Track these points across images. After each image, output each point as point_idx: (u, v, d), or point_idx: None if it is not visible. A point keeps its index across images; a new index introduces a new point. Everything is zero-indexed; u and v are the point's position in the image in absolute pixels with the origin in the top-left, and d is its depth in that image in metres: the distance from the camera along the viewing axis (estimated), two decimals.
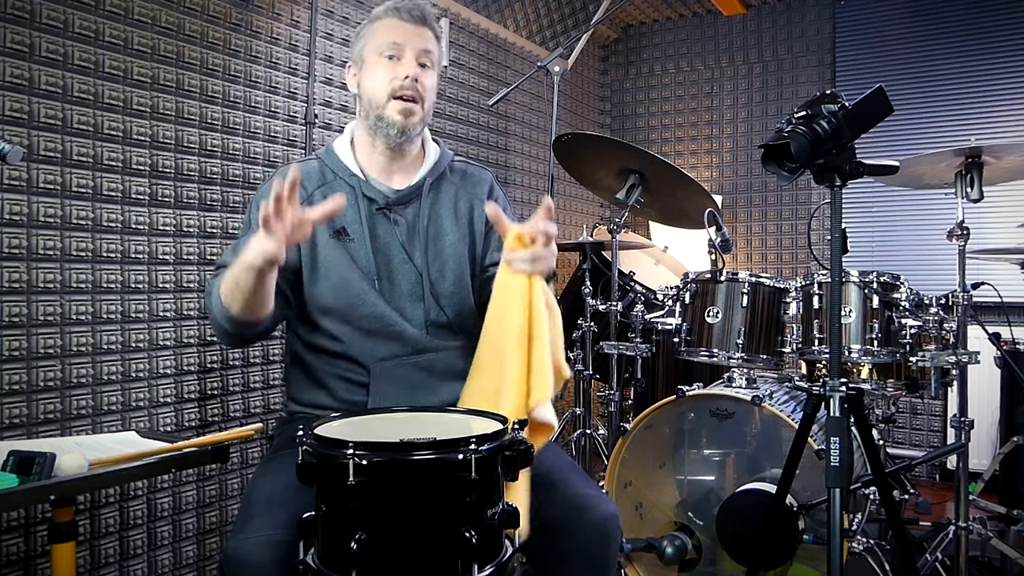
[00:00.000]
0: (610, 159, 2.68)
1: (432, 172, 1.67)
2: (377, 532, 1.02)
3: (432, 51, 1.60)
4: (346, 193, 1.57)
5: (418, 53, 1.58)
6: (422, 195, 1.64)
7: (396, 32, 1.58)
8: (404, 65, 1.56)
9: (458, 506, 1.04)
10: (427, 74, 1.59)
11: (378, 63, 1.58)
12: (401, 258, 1.60)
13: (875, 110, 1.49)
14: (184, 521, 2.21)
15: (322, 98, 2.65)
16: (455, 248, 1.64)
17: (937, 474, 3.70)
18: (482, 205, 1.67)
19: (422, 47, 1.58)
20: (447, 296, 1.62)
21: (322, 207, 1.35)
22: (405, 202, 1.63)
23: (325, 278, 1.56)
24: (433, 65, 1.62)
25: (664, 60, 4.60)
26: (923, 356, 2.18)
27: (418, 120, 1.59)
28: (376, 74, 1.58)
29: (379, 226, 1.60)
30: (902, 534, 1.78)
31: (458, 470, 1.03)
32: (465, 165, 1.75)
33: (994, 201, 3.09)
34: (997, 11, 3.72)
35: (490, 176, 1.77)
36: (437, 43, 1.64)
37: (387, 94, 1.56)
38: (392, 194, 1.62)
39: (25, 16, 1.82)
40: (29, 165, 1.84)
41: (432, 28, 1.61)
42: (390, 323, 1.56)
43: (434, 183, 1.66)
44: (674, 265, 3.60)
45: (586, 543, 1.39)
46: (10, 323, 1.81)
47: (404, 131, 1.58)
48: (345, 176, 1.62)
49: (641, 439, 2.37)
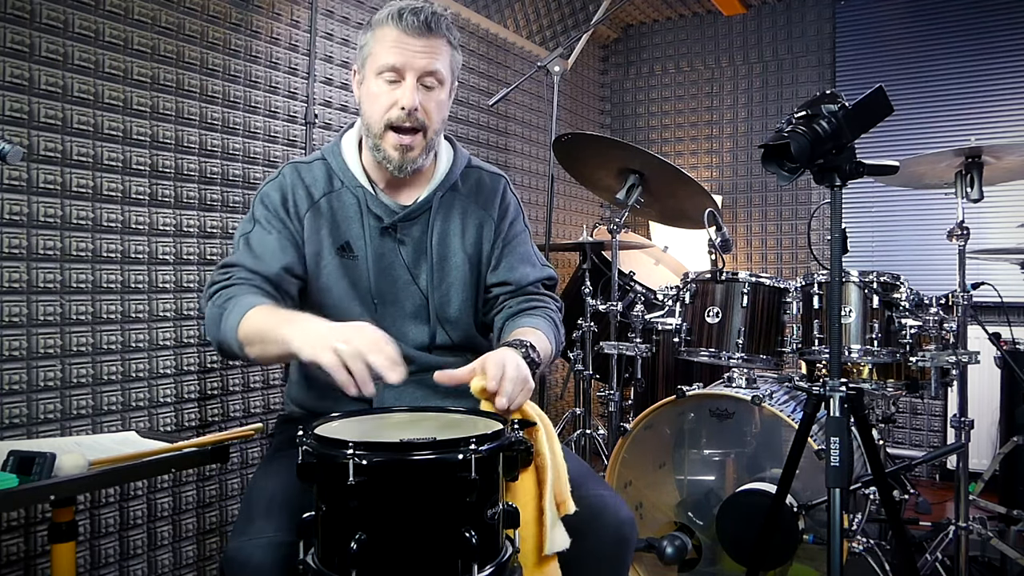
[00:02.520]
0: (610, 159, 2.68)
1: (443, 185, 1.57)
2: (377, 532, 1.02)
3: (439, 69, 1.46)
4: (351, 206, 1.52)
5: (421, 75, 1.44)
6: (431, 212, 1.55)
7: (397, 50, 1.43)
8: (404, 93, 1.43)
9: (458, 506, 1.03)
10: (432, 95, 1.46)
11: (376, 83, 1.45)
12: (405, 279, 1.54)
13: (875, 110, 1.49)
14: (184, 521, 2.21)
15: (322, 98, 2.65)
16: (461, 270, 1.58)
17: (937, 474, 3.70)
18: (492, 223, 1.61)
19: (425, 67, 1.43)
20: (452, 320, 1.57)
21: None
22: (412, 219, 1.54)
23: (326, 294, 1.51)
24: (442, 83, 1.48)
25: (664, 60, 4.60)
26: (923, 356, 2.18)
27: (418, 152, 1.48)
28: (374, 96, 1.46)
29: (384, 245, 1.53)
30: (902, 534, 1.78)
31: (458, 470, 1.03)
32: (480, 172, 1.65)
33: (994, 201, 3.09)
34: (997, 11, 3.72)
35: (504, 182, 1.68)
36: (451, 51, 1.50)
37: (383, 124, 1.45)
38: (399, 210, 1.53)
39: (25, 16, 1.82)
40: (29, 165, 1.84)
41: (441, 35, 1.46)
42: None
43: (444, 197, 1.57)
44: (674, 265, 3.60)
45: (602, 546, 1.37)
46: (10, 323, 1.81)
47: (401, 167, 1.47)
48: (351, 186, 1.53)
49: (641, 439, 2.36)
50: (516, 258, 1.63)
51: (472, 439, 1.04)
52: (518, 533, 1.15)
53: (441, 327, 1.57)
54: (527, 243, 1.67)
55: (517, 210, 1.68)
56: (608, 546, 1.38)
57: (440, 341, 1.57)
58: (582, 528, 1.32)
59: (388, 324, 1.52)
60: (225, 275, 1.44)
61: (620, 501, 1.45)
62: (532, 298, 1.62)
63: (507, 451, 1.10)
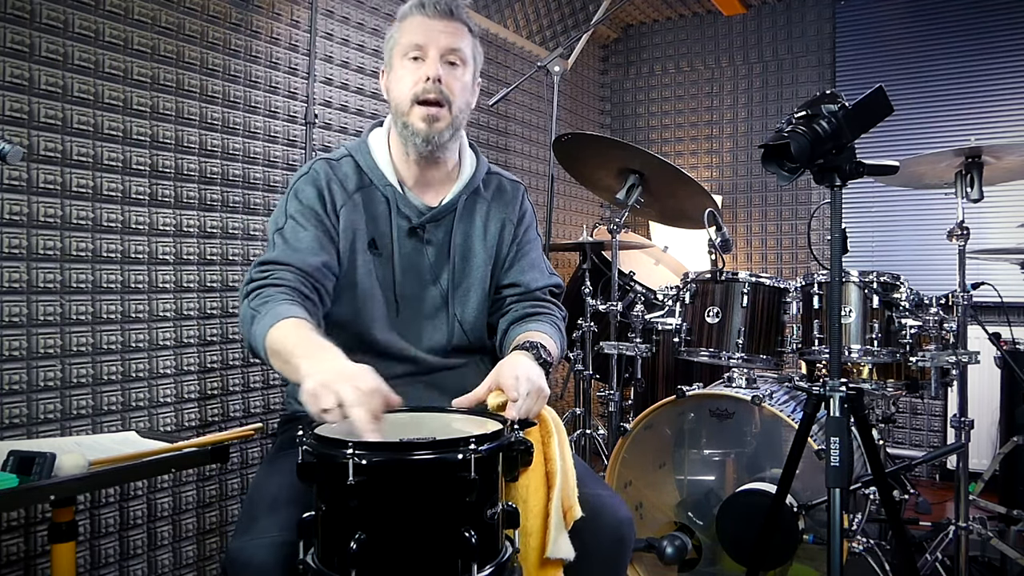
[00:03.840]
0: (610, 159, 2.68)
1: (467, 188, 1.60)
2: (377, 532, 1.02)
3: (461, 48, 1.50)
4: (381, 203, 1.54)
5: (443, 51, 1.48)
6: (456, 213, 1.58)
7: (420, 30, 1.48)
8: (427, 65, 1.47)
9: (458, 506, 1.03)
10: (455, 73, 1.49)
11: (402, 65, 1.49)
12: (427, 280, 1.56)
13: (875, 110, 1.49)
14: (184, 521, 2.21)
15: (322, 98, 2.65)
16: (481, 271, 1.60)
17: (937, 474, 3.70)
18: (512, 226, 1.64)
19: (448, 44, 1.48)
20: (470, 321, 1.59)
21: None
22: (438, 219, 1.57)
23: (354, 289, 1.52)
24: (464, 62, 1.51)
25: (664, 60, 4.60)
26: (923, 356, 2.18)
27: (444, 126, 1.49)
28: (400, 77, 1.49)
29: (410, 245, 1.55)
30: (902, 534, 1.78)
31: (458, 470, 1.02)
32: (499, 178, 1.68)
33: (994, 201, 3.09)
34: (997, 11, 3.72)
35: (522, 189, 1.71)
36: (472, 38, 1.53)
37: (410, 99, 1.48)
38: (426, 210, 1.56)
39: (25, 16, 1.82)
40: (29, 165, 1.84)
41: (463, 21, 1.51)
42: (401, 350, 1.53)
43: (468, 200, 1.60)
44: (674, 265, 3.60)
45: (600, 546, 1.37)
46: (10, 323, 1.81)
47: (428, 139, 1.48)
48: (381, 185, 1.55)
49: (641, 439, 2.36)
50: (527, 262, 1.66)
51: (472, 439, 1.04)
52: (518, 533, 1.15)
53: (460, 327, 1.58)
54: (538, 250, 1.71)
55: (532, 217, 1.71)
56: (607, 546, 1.38)
57: (458, 342, 1.58)
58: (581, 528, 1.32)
59: (408, 324, 1.54)
60: (263, 273, 1.42)
61: (619, 501, 1.45)
62: (538, 304, 1.64)
63: (507, 451, 1.10)
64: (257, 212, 2.40)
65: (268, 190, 2.44)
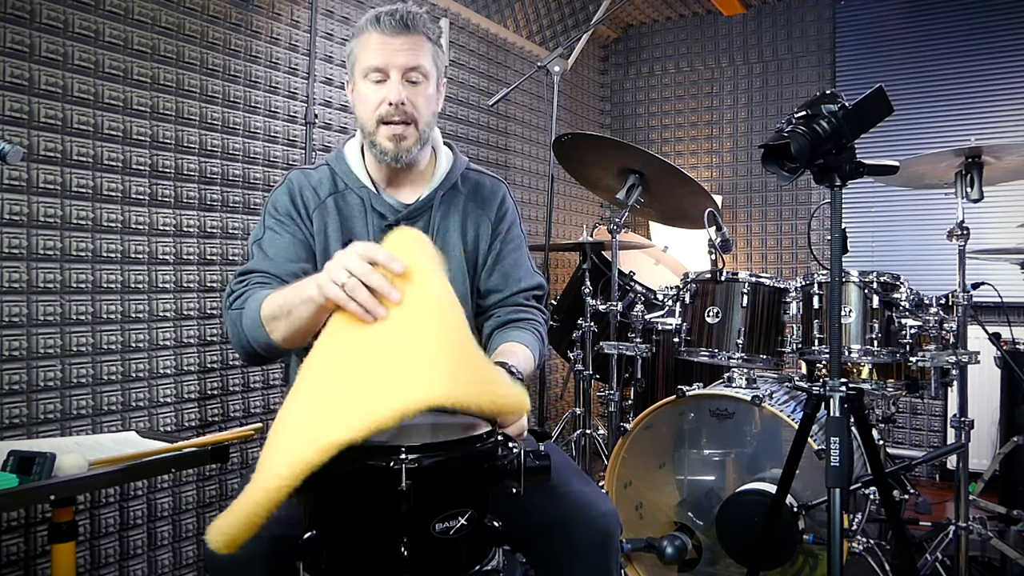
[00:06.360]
0: (610, 159, 2.68)
1: (443, 184, 1.60)
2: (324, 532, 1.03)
3: (421, 64, 1.49)
4: (356, 205, 1.55)
5: (403, 71, 1.48)
6: (432, 210, 1.59)
7: (379, 51, 1.48)
8: (389, 89, 1.47)
9: (392, 518, 0.98)
10: (418, 90, 1.50)
11: (364, 85, 1.50)
12: None
13: (875, 110, 1.49)
14: (184, 521, 2.21)
15: (322, 98, 2.65)
16: (461, 268, 1.60)
17: (937, 474, 3.70)
18: (489, 223, 1.64)
19: (407, 63, 1.48)
20: None
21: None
22: (414, 217, 1.58)
23: None
24: (427, 76, 1.51)
25: (664, 60, 4.60)
26: (923, 356, 2.18)
27: (412, 143, 1.51)
28: (364, 96, 1.51)
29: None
30: (902, 534, 1.78)
31: (390, 479, 0.97)
32: (479, 176, 1.68)
33: (994, 201, 3.09)
34: (997, 11, 3.72)
35: (504, 188, 1.70)
36: (432, 47, 1.52)
37: (375, 120, 1.49)
38: (402, 208, 1.57)
39: (25, 16, 1.82)
40: (29, 165, 1.84)
41: (420, 31, 1.50)
42: None
43: (444, 196, 1.60)
44: (674, 265, 3.60)
45: (586, 541, 1.39)
46: (10, 323, 1.81)
47: (397, 157, 1.51)
48: (355, 187, 1.57)
49: (641, 439, 2.36)
50: (511, 262, 1.66)
51: (403, 448, 0.98)
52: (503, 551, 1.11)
53: None
54: (521, 249, 1.70)
55: (514, 216, 1.70)
56: (594, 540, 1.39)
57: None
58: (566, 525, 1.33)
59: None
60: (242, 283, 1.47)
61: (602, 495, 1.47)
62: (521, 309, 1.64)
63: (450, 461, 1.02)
64: (257, 212, 2.40)
65: (268, 190, 2.44)
